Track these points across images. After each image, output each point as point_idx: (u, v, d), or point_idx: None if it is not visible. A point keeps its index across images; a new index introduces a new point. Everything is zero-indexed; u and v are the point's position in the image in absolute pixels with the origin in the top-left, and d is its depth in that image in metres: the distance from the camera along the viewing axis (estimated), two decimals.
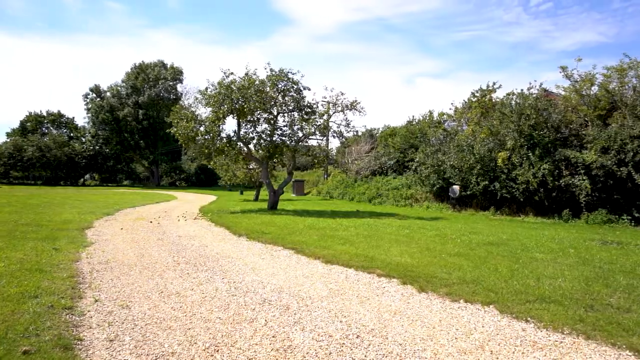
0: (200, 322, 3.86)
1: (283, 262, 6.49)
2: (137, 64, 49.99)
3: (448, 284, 5.08)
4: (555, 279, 5.24)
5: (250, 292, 4.86)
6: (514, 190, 14.86)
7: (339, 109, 16.12)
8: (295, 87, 15.30)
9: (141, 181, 55.67)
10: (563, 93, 16.60)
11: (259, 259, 6.77)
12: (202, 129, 14.97)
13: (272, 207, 16.05)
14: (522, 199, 14.90)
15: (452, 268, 5.83)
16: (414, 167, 20.05)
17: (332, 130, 16.46)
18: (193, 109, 19.62)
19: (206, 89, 15.15)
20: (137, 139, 48.96)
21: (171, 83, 49.22)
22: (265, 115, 15.74)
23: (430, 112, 31.69)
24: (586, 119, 15.32)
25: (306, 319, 3.99)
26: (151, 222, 11.62)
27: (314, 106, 15.91)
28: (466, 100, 20.52)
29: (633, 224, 12.41)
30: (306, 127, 15.83)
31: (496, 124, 16.17)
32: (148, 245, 7.76)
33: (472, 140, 16.96)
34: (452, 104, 34.17)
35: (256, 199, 23.43)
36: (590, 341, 3.49)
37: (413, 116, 33.69)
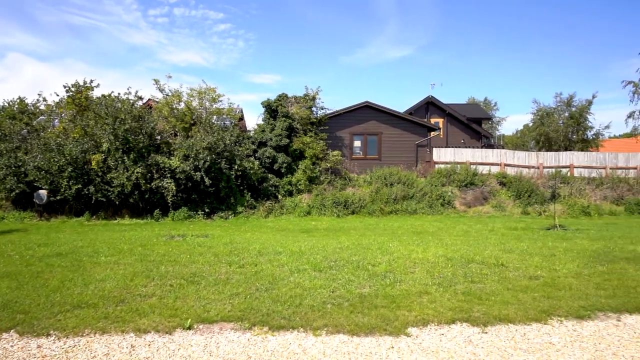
0: None
1: None
2: None
3: None
4: (104, 281, 5.52)
5: None
6: (109, 194, 14.79)
7: None
8: None
9: None
10: (159, 103, 18.37)
11: None
12: None
13: None
14: (118, 202, 15.09)
15: None
16: None
17: None
18: None
19: None
20: None
21: None
22: None
23: (21, 100, 26.29)
24: (175, 129, 17.73)
25: None
26: None
27: None
28: (60, 94, 18.32)
29: (205, 217, 15.59)
30: None
31: (92, 125, 15.46)
32: None
33: (63, 140, 15.30)
34: (39, 94, 29.16)
35: None
36: (106, 335, 3.87)
37: None
